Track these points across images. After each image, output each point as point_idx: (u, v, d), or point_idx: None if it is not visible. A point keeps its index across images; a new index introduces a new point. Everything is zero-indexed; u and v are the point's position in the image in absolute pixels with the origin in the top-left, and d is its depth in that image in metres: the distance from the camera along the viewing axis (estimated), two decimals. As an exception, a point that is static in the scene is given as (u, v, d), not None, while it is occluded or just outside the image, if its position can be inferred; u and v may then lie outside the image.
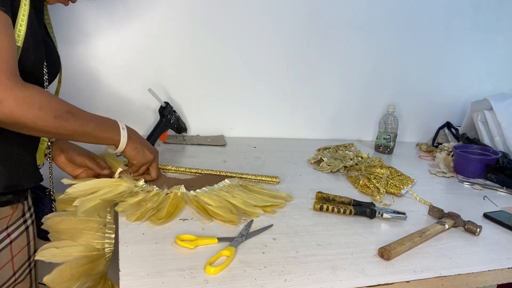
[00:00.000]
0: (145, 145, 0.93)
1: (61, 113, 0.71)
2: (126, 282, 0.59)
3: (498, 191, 1.20)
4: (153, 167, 0.96)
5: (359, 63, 1.58)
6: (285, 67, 1.49)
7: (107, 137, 0.83)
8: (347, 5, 1.47)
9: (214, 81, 1.42)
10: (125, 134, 0.86)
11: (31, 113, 0.66)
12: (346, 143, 1.50)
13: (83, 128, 0.76)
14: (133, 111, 1.35)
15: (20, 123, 0.65)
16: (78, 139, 0.80)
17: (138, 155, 0.90)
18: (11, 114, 0.63)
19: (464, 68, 1.74)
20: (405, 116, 1.70)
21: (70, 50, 1.24)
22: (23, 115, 0.65)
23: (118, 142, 0.85)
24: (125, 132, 0.86)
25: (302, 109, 1.57)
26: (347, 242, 0.78)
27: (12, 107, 0.63)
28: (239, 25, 1.38)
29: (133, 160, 0.90)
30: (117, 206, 0.80)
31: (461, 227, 0.89)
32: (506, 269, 0.76)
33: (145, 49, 1.32)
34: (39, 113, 0.67)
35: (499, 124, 1.47)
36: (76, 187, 0.82)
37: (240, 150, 1.35)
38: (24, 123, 0.66)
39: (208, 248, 0.71)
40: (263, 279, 0.63)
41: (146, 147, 0.93)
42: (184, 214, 0.83)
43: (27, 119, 0.65)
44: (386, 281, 0.66)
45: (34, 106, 0.66)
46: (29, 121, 0.66)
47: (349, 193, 1.04)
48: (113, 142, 0.85)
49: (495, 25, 1.72)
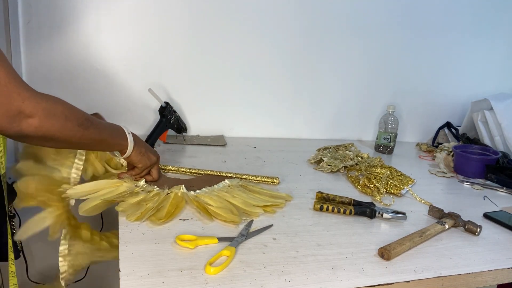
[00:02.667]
0: (148, 148, 0.93)
1: (82, 121, 0.70)
2: (126, 282, 0.59)
3: (498, 191, 1.20)
4: (155, 169, 0.96)
5: (360, 63, 1.58)
6: (285, 67, 1.49)
7: (118, 143, 0.83)
8: (347, 5, 1.47)
9: (214, 81, 1.42)
10: (131, 139, 0.85)
11: (58, 124, 0.65)
12: (346, 143, 1.50)
13: (100, 136, 0.76)
14: (133, 111, 1.35)
15: (49, 135, 0.65)
16: (93, 147, 0.79)
17: (144, 159, 0.90)
18: (41, 127, 0.62)
19: (464, 68, 1.74)
20: (405, 116, 1.70)
21: (70, 50, 1.24)
22: (52, 126, 0.64)
23: (126, 148, 0.85)
24: (131, 137, 0.86)
25: (302, 109, 1.57)
26: (347, 242, 0.78)
27: (42, 120, 0.62)
28: (239, 25, 1.38)
29: (139, 163, 0.90)
30: (117, 206, 0.80)
31: (461, 227, 0.89)
32: (506, 269, 0.76)
33: (145, 49, 1.32)
34: (66, 123, 0.67)
35: (499, 124, 1.47)
36: (76, 188, 0.82)
37: (240, 150, 1.35)
38: (53, 134, 0.65)
39: (208, 248, 0.71)
40: (263, 279, 0.63)
41: (149, 150, 0.93)
42: (184, 214, 0.82)
43: (56, 130, 0.65)
44: (386, 281, 0.66)
45: (60, 116, 0.65)
46: (58, 132, 0.65)
47: (349, 193, 1.04)
48: (122, 148, 0.85)
49: (495, 25, 1.72)
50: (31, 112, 0.60)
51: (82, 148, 0.81)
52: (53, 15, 1.19)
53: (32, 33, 1.18)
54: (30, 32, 1.18)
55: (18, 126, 0.60)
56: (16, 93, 0.59)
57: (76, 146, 0.77)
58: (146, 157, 0.90)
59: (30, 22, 1.17)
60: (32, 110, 0.60)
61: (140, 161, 0.89)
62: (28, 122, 0.61)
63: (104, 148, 0.81)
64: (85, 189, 0.83)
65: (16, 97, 0.59)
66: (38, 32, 1.19)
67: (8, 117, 0.58)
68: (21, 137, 0.64)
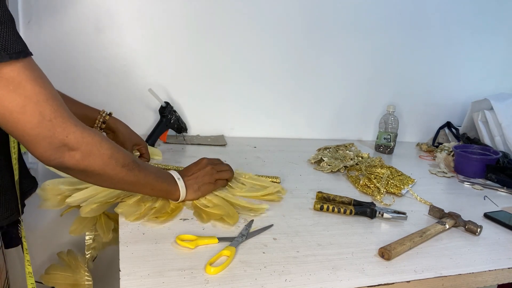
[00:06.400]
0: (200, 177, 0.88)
1: (128, 162, 0.70)
2: (126, 282, 0.59)
3: (499, 191, 1.20)
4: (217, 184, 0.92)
5: (360, 63, 1.57)
6: (285, 67, 1.49)
7: (166, 188, 0.81)
8: (347, 5, 1.47)
9: (214, 81, 1.42)
10: (182, 184, 0.83)
11: (101, 161, 0.65)
12: (347, 143, 1.50)
13: (145, 179, 0.74)
14: (133, 111, 1.35)
15: (89, 171, 0.64)
16: (137, 190, 0.78)
17: (199, 194, 0.87)
18: (83, 161, 0.62)
19: (464, 68, 1.74)
20: (406, 116, 1.70)
21: (70, 50, 1.24)
22: (94, 161, 0.64)
23: (177, 192, 0.82)
24: (182, 182, 0.83)
25: (302, 109, 1.57)
26: (347, 242, 0.78)
27: (84, 154, 0.62)
28: (240, 25, 1.38)
29: (201, 196, 0.88)
30: (116, 207, 0.80)
31: (462, 227, 0.89)
32: (507, 269, 0.76)
33: (145, 49, 1.32)
34: (109, 160, 0.66)
35: (500, 124, 1.47)
36: (74, 196, 0.83)
37: (240, 150, 1.35)
38: (93, 170, 0.65)
39: (208, 248, 0.71)
40: (263, 279, 0.63)
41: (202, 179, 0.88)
42: (184, 214, 0.82)
43: (97, 166, 0.64)
44: (386, 281, 0.66)
45: (104, 154, 0.65)
46: (99, 169, 0.65)
47: (349, 193, 1.04)
48: (169, 194, 0.82)
49: (496, 25, 1.72)
50: (74, 146, 0.60)
51: (125, 189, 0.77)
52: (54, 15, 1.19)
53: (32, 33, 1.18)
54: (31, 32, 1.18)
55: (60, 158, 0.60)
56: (61, 127, 0.59)
57: (118, 187, 0.74)
58: (203, 189, 0.87)
59: (30, 22, 1.17)
60: (75, 143, 0.60)
61: (200, 196, 0.87)
62: (71, 155, 0.61)
63: (149, 192, 0.79)
64: (84, 196, 0.84)
65: (61, 132, 0.58)
66: (38, 32, 1.19)
67: (51, 149, 0.59)
68: (63, 169, 0.64)
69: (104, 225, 0.90)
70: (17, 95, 0.54)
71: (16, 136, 0.58)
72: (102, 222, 0.91)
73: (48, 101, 0.57)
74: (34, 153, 0.59)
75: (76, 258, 1.03)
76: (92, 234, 0.98)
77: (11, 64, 0.53)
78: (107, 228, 0.90)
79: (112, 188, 0.77)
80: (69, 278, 1.00)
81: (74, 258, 1.03)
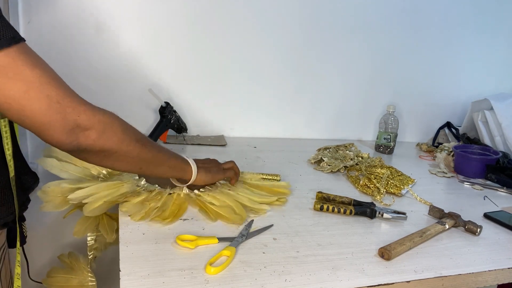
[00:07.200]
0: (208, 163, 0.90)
1: (141, 137, 0.69)
2: (126, 282, 0.59)
3: (499, 191, 1.20)
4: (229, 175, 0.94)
5: (360, 63, 1.57)
6: (285, 67, 1.49)
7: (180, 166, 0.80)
8: (347, 5, 1.47)
9: (214, 81, 1.42)
10: (193, 163, 0.83)
11: (116, 137, 0.64)
12: (347, 143, 1.50)
13: (159, 155, 0.73)
14: (133, 111, 1.35)
15: (107, 149, 0.63)
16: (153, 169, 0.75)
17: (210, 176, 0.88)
18: (99, 139, 0.61)
19: (464, 68, 1.74)
20: (405, 116, 1.70)
21: (70, 50, 1.24)
22: (110, 139, 0.63)
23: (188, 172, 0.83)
24: (193, 162, 0.84)
25: (302, 109, 1.57)
26: (347, 242, 0.78)
27: (99, 132, 0.61)
28: (240, 25, 1.38)
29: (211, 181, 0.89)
30: (120, 206, 0.80)
31: (462, 227, 0.89)
32: (507, 269, 0.76)
33: (145, 49, 1.31)
34: (123, 136, 0.65)
35: (500, 124, 1.47)
36: (77, 193, 0.82)
37: (241, 150, 1.35)
38: (111, 148, 0.64)
39: (208, 248, 0.71)
40: (263, 279, 0.63)
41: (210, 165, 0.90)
42: (185, 214, 0.82)
43: (114, 143, 0.63)
44: (386, 281, 0.66)
45: (118, 129, 0.64)
46: (116, 146, 0.64)
47: (349, 193, 1.04)
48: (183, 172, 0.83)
49: (496, 25, 1.72)
50: (88, 125, 0.59)
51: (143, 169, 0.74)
52: (54, 15, 1.19)
53: (33, 33, 1.18)
54: (31, 32, 1.18)
55: (76, 140, 0.59)
56: (71, 107, 0.57)
57: (135, 166, 0.72)
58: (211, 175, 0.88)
59: (30, 22, 1.17)
60: (88, 123, 0.59)
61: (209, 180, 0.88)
62: (86, 135, 0.59)
63: (165, 171, 0.78)
64: (87, 193, 0.83)
65: (71, 112, 0.57)
66: (38, 32, 1.19)
67: (65, 132, 0.57)
68: (80, 152, 0.62)
69: (107, 226, 0.90)
70: (18, 81, 0.52)
71: (26, 125, 0.56)
72: (105, 223, 0.91)
73: (51, 83, 0.55)
74: (48, 140, 0.57)
75: (78, 260, 1.03)
76: (94, 235, 0.98)
77: (3, 50, 0.51)
78: (110, 228, 0.89)
79: (129, 170, 0.74)
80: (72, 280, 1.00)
81: (76, 259, 1.03)
